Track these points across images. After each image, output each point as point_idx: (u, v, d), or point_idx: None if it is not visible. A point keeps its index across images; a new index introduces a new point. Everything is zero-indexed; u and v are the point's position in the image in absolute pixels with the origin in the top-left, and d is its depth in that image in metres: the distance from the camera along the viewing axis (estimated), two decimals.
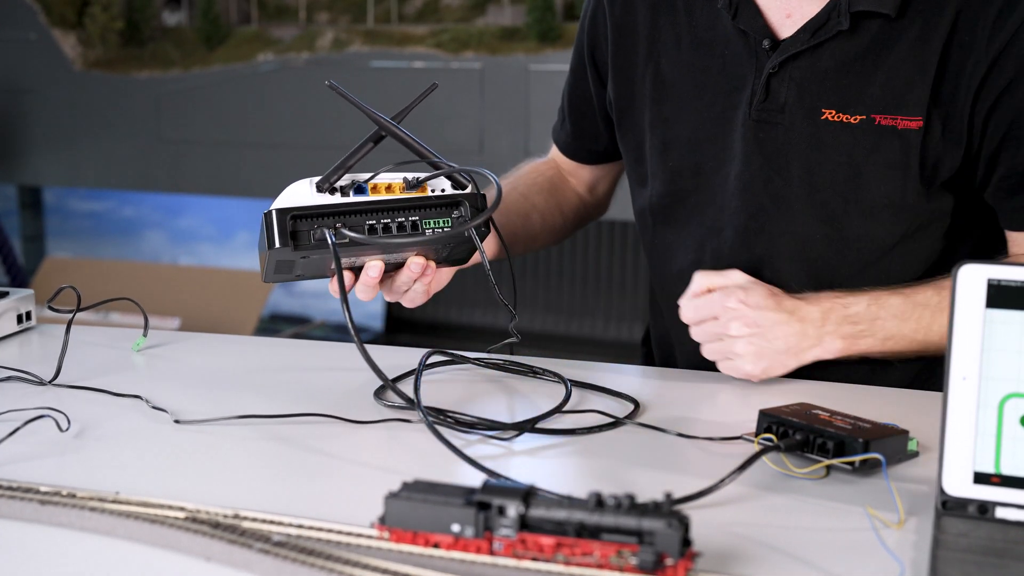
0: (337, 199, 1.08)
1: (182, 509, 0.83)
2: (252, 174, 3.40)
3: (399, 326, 3.73)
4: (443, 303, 3.68)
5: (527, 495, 0.74)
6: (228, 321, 3.01)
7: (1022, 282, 0.80)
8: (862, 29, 1.19)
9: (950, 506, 0.81)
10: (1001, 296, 0.80)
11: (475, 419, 1.03)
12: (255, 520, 0.81)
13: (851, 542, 0.80)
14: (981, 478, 0.80)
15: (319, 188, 1.08)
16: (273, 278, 1.13)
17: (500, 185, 1.12)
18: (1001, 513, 0.80)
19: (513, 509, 0.74)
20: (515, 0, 3.14)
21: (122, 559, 0.78)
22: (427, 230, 1.11)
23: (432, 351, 1.17)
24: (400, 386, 1.09)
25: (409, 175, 1.11)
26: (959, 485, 0.81)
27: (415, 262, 1.14)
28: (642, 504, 0.73)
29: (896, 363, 1.21)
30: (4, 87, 3.60)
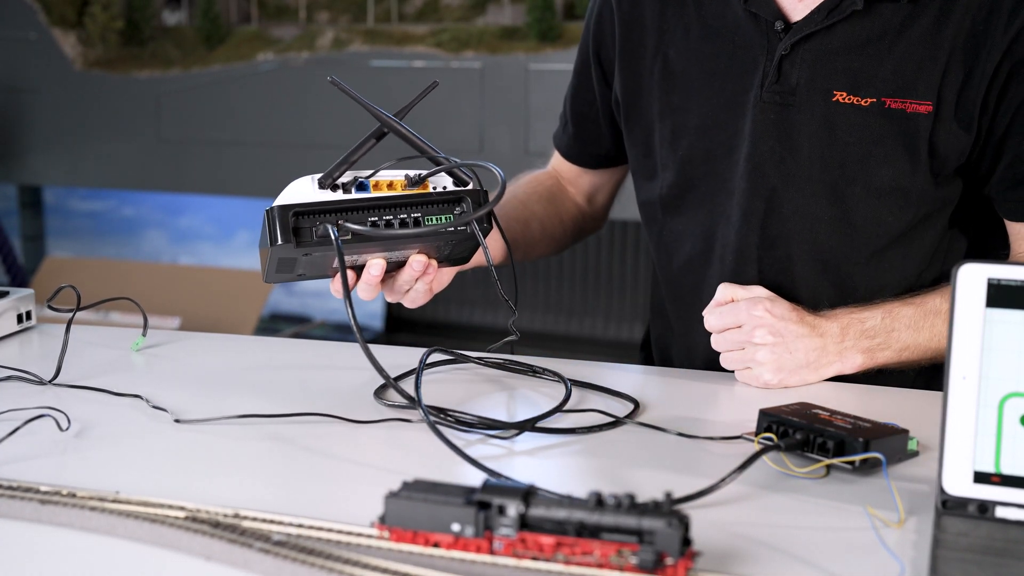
0: (339, 196, 1.08)
1: (182, 509, 0.83)
2: (252, 174, 3.39)
3: (399, 325, 3.72)
4: (443, 302, 3.68)
5: (527, 494, 0.74)
6: (228, 321, 3.00)
7: (1022, 282, 0.80)
8: (875, 12, 1.19)
9: (950, 505, 0.81)
10: (1001, 296, 0.80)
11: (475, 418, 1.03)
12: (255, 520, 0.81)
13: (851, 542, 0.81)
14: (981, 477, 0.81)
15: (321, 185, 1.08)
16: (274, 278, 1.12)
17: (503, 177, 1.12)
18: (1001, 512, 0.80)
19: (513, 508, 0.74)
20: (515, 0, 3.14)
21: (122, 559, 0.78)
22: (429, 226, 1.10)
23: (432, 350, 1.17)
24: (400, 385, 1.09)
25: (411, 172, 1.11)
26: (959, 484, 0.81)
27: (417, 260, 1.13)
28: (642, 503, 0.73)
29: None
30: (4, 87, 3.59)
